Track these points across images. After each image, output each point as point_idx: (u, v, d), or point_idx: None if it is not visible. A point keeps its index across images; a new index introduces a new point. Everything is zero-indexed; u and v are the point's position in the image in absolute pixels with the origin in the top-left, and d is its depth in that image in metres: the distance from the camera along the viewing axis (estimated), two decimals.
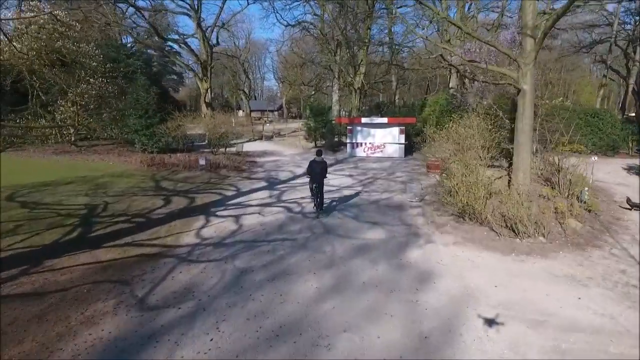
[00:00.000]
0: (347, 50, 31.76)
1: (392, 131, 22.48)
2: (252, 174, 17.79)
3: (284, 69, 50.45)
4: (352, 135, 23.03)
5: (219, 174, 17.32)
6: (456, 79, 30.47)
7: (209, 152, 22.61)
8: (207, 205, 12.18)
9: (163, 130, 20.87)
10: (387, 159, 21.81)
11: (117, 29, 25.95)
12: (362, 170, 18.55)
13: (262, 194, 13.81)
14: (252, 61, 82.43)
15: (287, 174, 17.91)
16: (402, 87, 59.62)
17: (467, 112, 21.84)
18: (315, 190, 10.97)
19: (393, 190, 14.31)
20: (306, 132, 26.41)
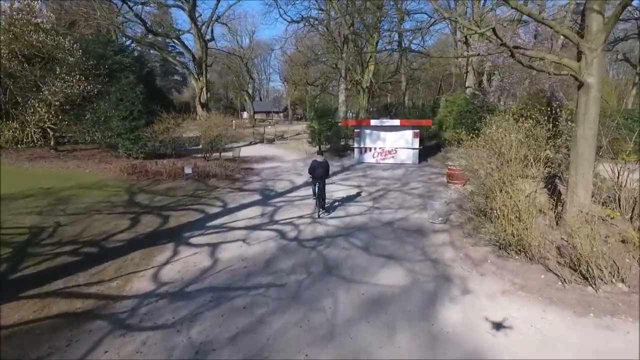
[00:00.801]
0: (355, 46, 29.44)
1: (405, 135, 20.09)
2: (245, 184, 15.50)
3: (289, 68, 48.23)
4: (360, 139, 20.68)
5: (207, 185, 15.06)
6: (473, 78, 28.02)
7: (201, 158, 20.42)
8: (182, 227, 9.91)
9: (149, 134, 18.68)
10: (399, 166, 19.42)
11: (104, 23, 23.90)
12: (372, 180, 16.18)
13: (253, 211, 11.51)
14: (257, 62, 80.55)
15: (285, 184, 15.60)
16: (412, 87, 57.19)
17: (493, 113, 19.40)
18: (317, 191, 10.90)
19: (409, 207, 11.92)
20: (309, 135, 24.11)
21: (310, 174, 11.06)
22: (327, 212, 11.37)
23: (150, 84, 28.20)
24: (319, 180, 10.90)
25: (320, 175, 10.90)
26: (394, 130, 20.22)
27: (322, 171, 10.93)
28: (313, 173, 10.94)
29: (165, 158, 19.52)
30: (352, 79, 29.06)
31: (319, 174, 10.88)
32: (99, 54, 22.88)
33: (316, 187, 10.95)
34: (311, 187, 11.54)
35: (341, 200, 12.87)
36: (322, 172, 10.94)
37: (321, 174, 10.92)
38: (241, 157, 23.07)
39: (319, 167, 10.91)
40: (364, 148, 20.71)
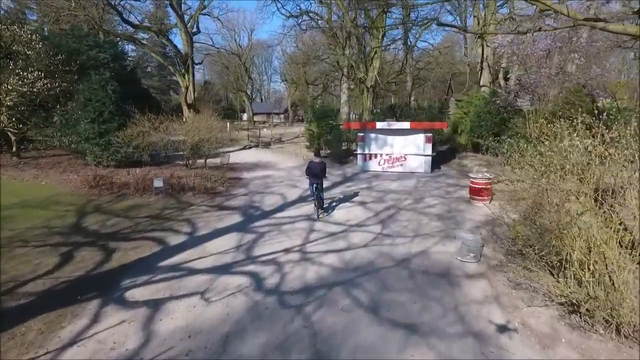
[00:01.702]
0: (358, 42, 26.89)
1: (416, 139, 17.49)
2: (227, 200, 12.96)
3: (289, 67, 45.81)
4: (365, 144, 18.10)
5: (180, 201, 12.53)
6: (488, 75, 25.41)
7: (183, 166, 17.91)
8: (125, 269, 7.36)
9: (121, 139, 16.16)
10: (409, 176, 16.83)
11: (80, 14, 21.46)
12: (378, 194, 13.60)
13: (227, 240, 8.96)
14: (258, 62, 78.26)
15: (275, 199, 13.06)
16: (418, 88, 54.57)
17: (517, 114, 16.80)
18: (315, 191, 10.98)
19: (428, 235, 9.34)
20: (307, 139, 21.56)
21: (308, 174, 11.21)
22: (327, 212, 11.42)
23: (134, 83, 25.76)
24: (317, 180, 10.99)
25: (318, 175, 11.01)
26: (403, 134, 17.63)
27: (319, 171, 11.05)
28: (310, 173, 11.09)
29: (141, 166, 17.04)
30: (354, 78, 26.48)
31: (316, 174, 10.99)
32: (72, 48, 20.48)
33: (314, 188, 10.98)
34: (309, 188, 11.51)
35: (342, 223, 10.30)
36: (319, 172, 11.04)
37: (319, 174, 11.03)
38: (230, 164, 20.55)
39: (317, 167, 11.06)
40: (369, 154, 18.13)
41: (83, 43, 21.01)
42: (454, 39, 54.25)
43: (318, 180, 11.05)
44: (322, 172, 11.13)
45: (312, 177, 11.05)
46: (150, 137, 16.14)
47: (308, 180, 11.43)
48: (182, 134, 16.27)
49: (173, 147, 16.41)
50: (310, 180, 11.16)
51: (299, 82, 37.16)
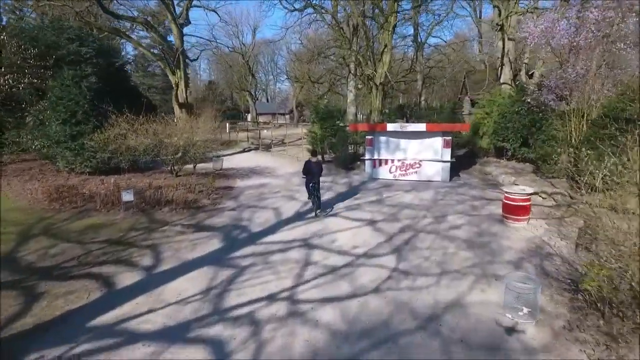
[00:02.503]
0: (366, 36, 24.67)
1: (433, 143, 15.24)
2: (209, 217, 10.85)
3: (293, 65, 43.75)
4: (374, 148, 15.89)
5: (152, 219, 10.44)
6: (509, 72, 23.07)
7: (169, 172, 15.85)
8: (35, 334, 5.27)
9: (97, 142, 14.14)
10: (425, 185, 14.60)
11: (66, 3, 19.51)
12: (391, 209, 11.40)
13: (194, 281, 6.84)
14: (264, 61, 76.39)
15: (268, 216, 10.93)
16: (428, 87, 52.16)
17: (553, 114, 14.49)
18: (313, 191, 10.96)
19: (459, 271, 7.15)
20: (310, 142, 19.40)
21: (305, 174, 11.14)
22: (325, 210, 11.32)
23: (122, 81, 23.80)
24: (315, 179, 10.98)
25: (316, 174, 11.02)
26: (418, 137, 15.40)
27: (317, 171, 11.08)
28: (307, 174, 11.04)
29: (120, 174, 15.03)
30: (362, 74, 24.25)
31: (314, 174, 10.98)
32: (49, 41, 18.56)
33: (312, 187, 10.98)
34: (306, 188, 11.36)
35: (347, 252, 8.14)
36: (317, 172, 11.08)
37: (317, 173, 11.05)
38: (223, 169, 18.49)
39: (314, 167, 11.06)
40: (378, 160, 15.92)
41: (63, 36, 19.04)
42: (466, 35, 51.84)
43: (316, 179, 11.01)
44: (319, 171, 11.15)
45: (310, 176, 10.98)
46: (128, 140, 14.06)
47: (305, 182, 11.25)
48: (164, 136, 14.17)
49: (154, 151, 14.30)
50: (308, 180, 11.06)
51: (303, 80, 34.95)
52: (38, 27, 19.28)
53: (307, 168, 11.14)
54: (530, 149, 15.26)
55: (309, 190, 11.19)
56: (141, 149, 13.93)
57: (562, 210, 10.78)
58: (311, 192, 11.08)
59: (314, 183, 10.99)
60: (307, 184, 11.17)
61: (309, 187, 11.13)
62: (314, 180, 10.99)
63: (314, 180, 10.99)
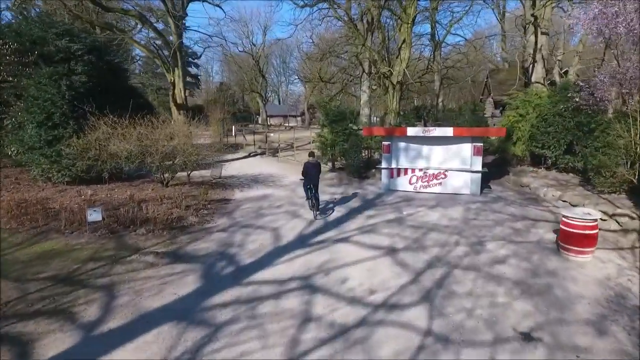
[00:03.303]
0: (381, 32, 22.58)
1: (460, 150, 13.11)
2: (192, 241, 8.92)
3: (304, 65, 41.87)
4: (391, 155, 13.81)
5: (122, 244, 8.54)
6: (542, 70, 20.72)
7: (158, 182, 14.01)
8: None
9: (75, 149, 12.37)
10: (452, 199, 12.47)
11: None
12: (414, 232, 9.31)
13: (146, 351, 4.89)
14: (276, 63, 74.92)
15: (264, 240, 8.96)
16: (446, 88, 49.71)
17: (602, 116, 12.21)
18: (310, 193, 10.77)
19: (518, 337, 5.05)
20: (319, 148, 17.41)
21: (304, 176, 10.95)
22: (324, 213, 11.14)
23: (119, 80, 22.07)
24: (314, 181, 10.86)
25: (314, 176, 10.90)
26: (442, 143, 13.27)
27: (315, 172, 10.96)
28: (306, 176, 10.87)
29: (104, 183, 13.28)
30: (377, 72, 22.14)
31: (313, 176, 10.87)
32: (37, 36, 16.94)
33: (310, 189, 10.81)
34: (304, 190, 11.13)
35: (359, 299, 6.11)
36: (315, 173, 10.97)
37: (315, 175, 10.93)
38: (223, 177, 16.62)
39: (313, 169, 10.93)
40: (397, 169, 13.82)
41: (51, 31, 17.39)
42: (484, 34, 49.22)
43: (315, 181, 10.91)
44: (317, 172, 11.06)
45: (309, 178, 10.83)
46: (111, 146, 12.25)
47: (303, 184, 11.05)
48: (149, 142, 12.30)
49: (138, 159, 12.44)
50: (306, 183, 10.88)
51: (313, 80, 32.99)
52: (23, 21, 17.72)
53: (305, 169, 10.95)
54: (575, 157, 12.99)
55: (306, 192, 11.01)
56: (123, 156, 12.07)
57: (632, 237, 8.57)
58: (309, 194, 10.89)
59: (313, 185, 10.86)
60: (305, 185, 10.96)
61: (306, 189, 10.95)
62: (312, 182, 10.85)
63: (312, 182, 10.84)
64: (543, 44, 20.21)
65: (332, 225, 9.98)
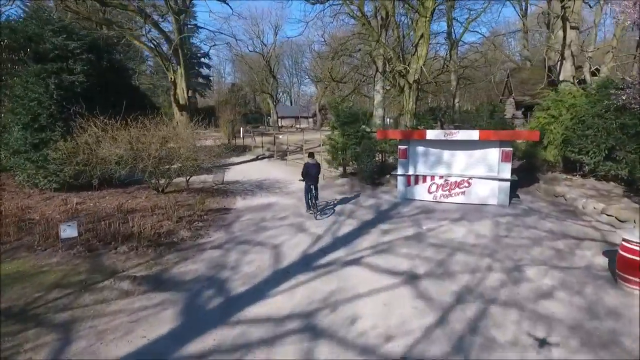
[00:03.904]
0: (397, 28, 21.22)
1: (486, 155, 11.71)
2: (179, 262, 7.73)
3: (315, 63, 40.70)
4: (408, 160, 12.47)
5: (98, 265, 7.39)
6: (571, 68, 19.12)
7: (153, 189, 12.92)
8: None
9: (62, 153, 11.33)
10: (478, 211, 11.07)
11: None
12: (436, 253, 7.97)
13: None
14: (288, 63, 74.03)
15: (262, 260, 7.74)
16: (463, 88, 47.96)
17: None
18: (310, 193, 10.90)
19: None
20: (329, 152, 16.15)
21: (304, 177, 11.00)
22: (325, 213, 11.17)
23: (121, 80, 21.15)
24: (314, 182, 10.95)
25: (314, 176, 10.97)
26: (466, 147, 11.89)
27: (315, 173, 11.02)
28: (306, 177, 10.94)
29: (94, 190, 12.24)
30: (392, 70, 20.76)
31: (313, 176, 10.95)
32: (31, 32, 16.07)
33: (310, 189, 10.90)
34: (304, 193, 11.20)
35: (373, 350, 4.82)
36: (315, 174, 11.04)
37: (315, 175, 11.01)
38: (225, 183, 15.52)
39: (313, 169, 10.98)
40: (414, 176, 12.47)
41: (47, 27, 16.50)
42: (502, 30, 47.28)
43: (315, 181, 11.03)
44: (317, 173, 11.16)
45: (309, 179, 10.92)
46: (101, 150, 11.18)
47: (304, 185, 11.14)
48: (140, 146, 11.19)
49: (129, 164, 11.32)
50: (307, 183, 10.97)
51: (325, 79, 31.74)
52: (18, 17, 16.89)
53: (305, 170, 11.00)
54: (619, 164, 11.47)
55: (306, 193, 11.11)
56: (113, 161, 10.98)
57: None
58: (309, 195, 10.99)
59: (312, 185, 10.96)
60: (306, 186, 11.04)
61: (306, 190, 11.05)
62: (312, 182, 10.95)
63: (312, 182, 10.94)
64: (573, 40, 18.63)
65: (341, 242, 8.70)
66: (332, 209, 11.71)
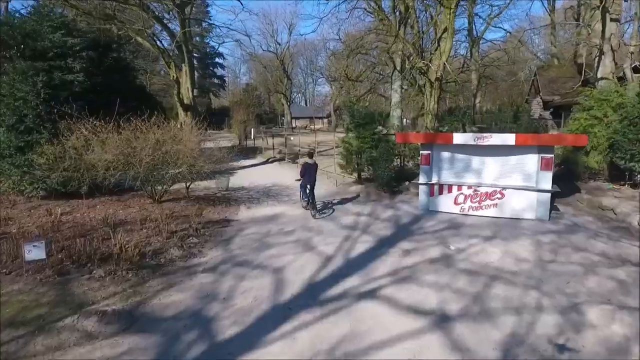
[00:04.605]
0: (415, 23, 19.76)
1: (523, 162, 10.21)
2: (164, 289, 6.53)
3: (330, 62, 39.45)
4: (432, 167, 11.06)
5: (66, 294, 6.22)
6: (611, 64, 17.36)
7: (148, 197, 11.82)
8: None
9: (47, 158, 10.29)
10: (513, 227, 9.60)
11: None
12: (469, 284, 6.57)
13: None
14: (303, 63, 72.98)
15: (260, 289, 6.50)
16: (484, 88, 45.92)
17: None
18: (309, 192, 10.99)
19: None
20: (343, 156, 14.83)
21: (302, 176, 11.07)
22: (323, 212, 11.29)
23: (126, 80, 20.35)
24: (312, 181, 11.04)
25: (312, 176, 11.02)
26: (499, 153, 10.40)
27: (313, 172, 11.08)
28: (304, 176, 11.00)
29: (85, 197, 11.18)
30: (413, 67, 19.27)
31: (311, 175, 11.00)
32: (29, 29, 15.28)
33: (308, 189, 11.01)
34: (302, 189, 11.34)
35: None
36: (313, 173, 11.10)
37: (312, 174, 11.06)
38: (230, 189, 14.37)
39: (312, 168, 11.06)
40: (439, 185, 11.05)
41: (45, 23, 15.65)
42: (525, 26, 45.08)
43: (312, 181, 11.06)
44: (315, 172, 11.19)
45: (307, 178, 10.99)
46: (87, 155, 10.10)
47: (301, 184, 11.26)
48: (130, 151, 10.05)
49: (118, 170, 10.19)
50: (304, 182, 11.07)
51: (340, 78, 30.43)
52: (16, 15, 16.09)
53: (303, 170, 11.11)
54: None
55: (304, 192, 11.20)
56: (102, 167, 9.88)
57: None
58: (306, 195, 11.09)
59: (310, 184, 11.06)
60: (303, 185, 11.16)
61: (305, 190, 11.15)
62: (310, 181, 11.04)
63: (309, 181, 11.03)
64: (613, 33, 16.89)
65: (354, 266, 7.38)
66: (343, 220, 10.43)
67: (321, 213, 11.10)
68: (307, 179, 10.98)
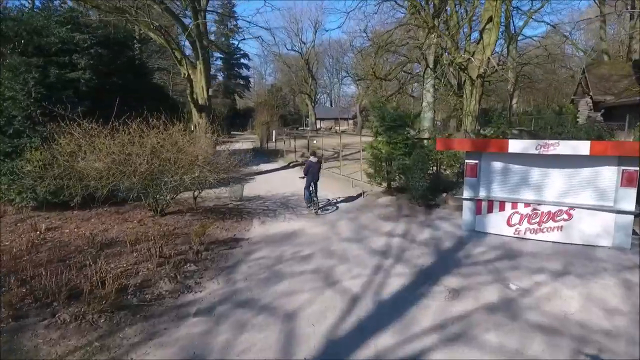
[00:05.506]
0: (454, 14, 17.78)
1: (597, 176, 8.23)
2: (143, 341, 5.02)
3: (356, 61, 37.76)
4: (479, 180, 9.20)
5: (11, 350, 4.82)
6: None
7: (149, 209, 10.45)
8: None
9: (35, 165, 9.05)
10: (585, 257, 7.65)
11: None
12: (549, 356, 4.76)
13: None
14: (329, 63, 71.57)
15: (265, 344, 4.91)
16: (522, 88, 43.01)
17: None
18: (310, 190, 11.21)
19: None
20: (371, 164, 13.11)
21: (305, 175, 11.27)
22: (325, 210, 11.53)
23: (141, 80, 19.19)
24: (315, 179, 11.30)
25: (315, 175, 11.29)
26: (566, 164, 8.44)
27: (317, 171, 11.38)
28: (309, 173, 11.22)
29: (79, 209, 9.93)
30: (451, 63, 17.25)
31: (314, 174, 11.28)
32: (36, 24, 14.34)
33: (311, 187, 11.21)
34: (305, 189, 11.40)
35: None
36: (317, 172, 11.38)
37: (316, 173, 11.34)
38: (244, 199, 12.90)
39: (315, 167, 11.34)
40: (487, 202, 9.16)
41: (52, 19, 14.68)
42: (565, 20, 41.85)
43: (315, 179, 11.33)
44: (318, 171, 11.50)
45: (311, 177, 11.19)
46: (78, 163, 8.79)
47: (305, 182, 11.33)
48: (122, 158, 8.67)
49: (111, 179, 8.83)
50: (308, 180, 11.19)
51: (367, 77, 28.67)
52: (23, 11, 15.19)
53: (307, 168, 11.31)
54: None
55: (306, 190, 11.26)
56: (93, 176, 8.54)
57: None
58: (310, 193, 11.19)
59: (314, 183, 11.21)
60: (307, 186, 11.22)
61: (309, 190, 11.20)
62: (314, 180, 11.20)
63: (313, 180, 11.18)
64: None
65: (388, 314, 5.68)
66: (372, 243, 8.73)
67: (323, 210, 11.43)
68: (310, 177, 11.24)
